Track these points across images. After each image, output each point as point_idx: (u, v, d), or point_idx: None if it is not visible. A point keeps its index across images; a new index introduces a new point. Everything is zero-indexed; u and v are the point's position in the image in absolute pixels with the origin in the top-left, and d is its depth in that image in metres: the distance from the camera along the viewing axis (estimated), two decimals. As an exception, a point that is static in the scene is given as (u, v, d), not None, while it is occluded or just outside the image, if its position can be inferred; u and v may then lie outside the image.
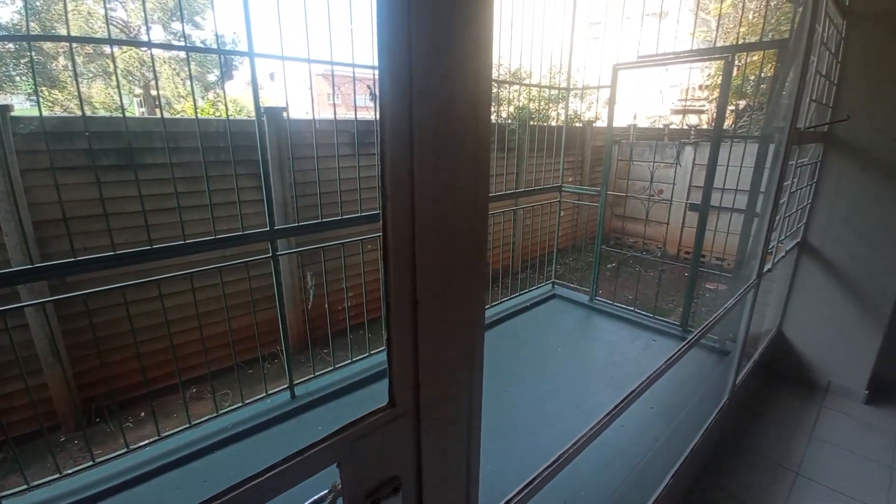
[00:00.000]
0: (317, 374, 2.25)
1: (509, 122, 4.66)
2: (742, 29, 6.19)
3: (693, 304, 3.38)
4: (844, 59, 2.20)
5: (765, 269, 1.81)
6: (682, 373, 2.56)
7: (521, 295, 3.33)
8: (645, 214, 3.10)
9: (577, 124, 5.96)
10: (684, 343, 1.30)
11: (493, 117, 5.02)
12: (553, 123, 5.20)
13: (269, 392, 2.08)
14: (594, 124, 6.22)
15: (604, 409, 2.20)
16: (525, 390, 2.28)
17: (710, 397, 2.02)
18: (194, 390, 3.18)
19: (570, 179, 5.79)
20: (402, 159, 0.42)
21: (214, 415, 1.93)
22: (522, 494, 0.78)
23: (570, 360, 2.60)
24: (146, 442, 1.77)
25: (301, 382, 2.17)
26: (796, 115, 1.63)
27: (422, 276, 0.46)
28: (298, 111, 7.99)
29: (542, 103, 5.54)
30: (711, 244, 3.84)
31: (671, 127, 6.67)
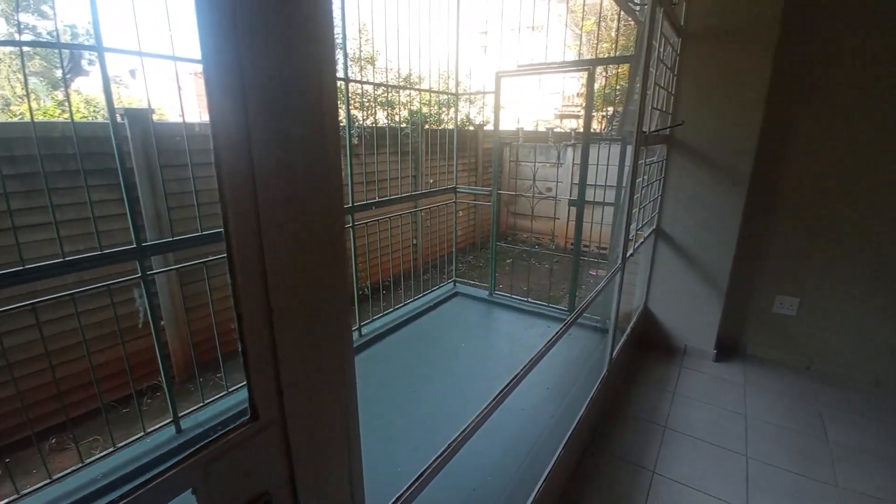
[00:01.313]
0: (206, 401, 2.06)
1: (403, 125, 4.72)
2: (606, 44, 6.99)
3: (580, 290, 3.73)
4: (680, 72, 2.60)
5: (627, 255, 2.06)
6: (573, 352, 2.82)
7: (424, 295, 3.38)
8: (532, 211, 3.36)
9: (470, 128, 6.23)
10: (561, 326, 1.43)
11: (387, 121, 5.04)
12: (448, 127, 5.37)
13: (148, 430, 1.86)
14: (485, 128, 6.55)
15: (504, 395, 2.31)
16: (432, 388, 2.33)
17: (594, 372, 2.25)
18: (54, 441, 2.71)
19: (470, 180, 6.04)
20: (238, 162, 0.41)
21: (80, 465, 1.67)
22: (413, 488, 0.80)
23: (474, 353, 2.71)
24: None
25: (187, 414, 1.97)
26: (641, 121, 1.89)
27: (274, 283, 0.45)
28: (177, 113, 7.20)
29: (436, 108, 5.68)
30: (592, 235, 4.27)
31: (554, 130, 7.28)
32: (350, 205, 2.61)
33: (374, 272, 4.04)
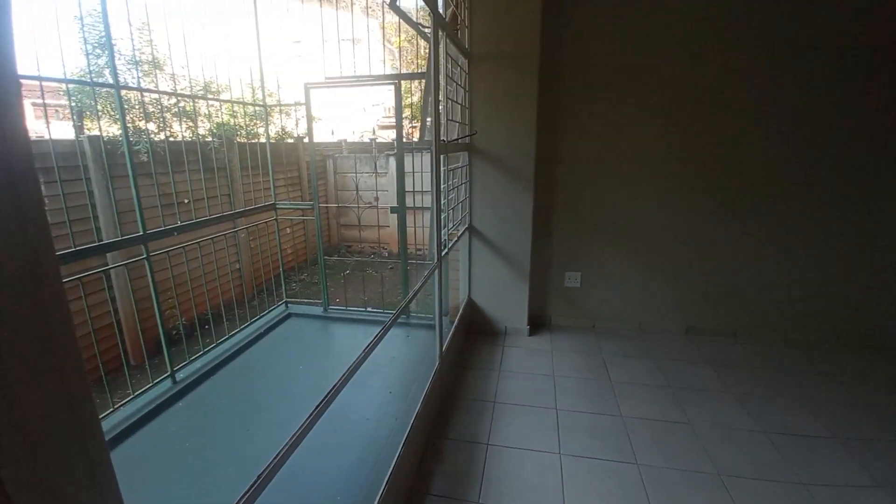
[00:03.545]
0: None
1: (209, 139, 4.25)
2: (422, 60, 7.49)
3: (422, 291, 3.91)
4: (471, 88, 2.95)
5: (443, 253, 2.25)
6: (412, 352, 2.94)
7: (253, 322, 3.12)
8: (360, 222, 3.41)
9: (289, 140, 5.96)
10: (381, 329, 1.49)
11: (188, 134, 4.47)
12: (269, 140, 5.03)
13: None
14: (306, 140, 6.36)
15: (349, 410, 2.29)
16: (269, 418, 2.16)
17: (430, 367, 2.39)
18: None
19: (293, 195, 5.76)
20: None
21: None
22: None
23: (312, 373, 2.61)
24: None
25: None
26: (438, 131, 2.09)
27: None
28: None
29: (248, 119, 5.28)
30: (420, 238, 4.52)
31: (377, 141, 7.48)
32: (142, 233, 2.24)
33: (187, 308, 3.55)
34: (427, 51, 2.47)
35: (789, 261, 3.09)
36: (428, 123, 3.12)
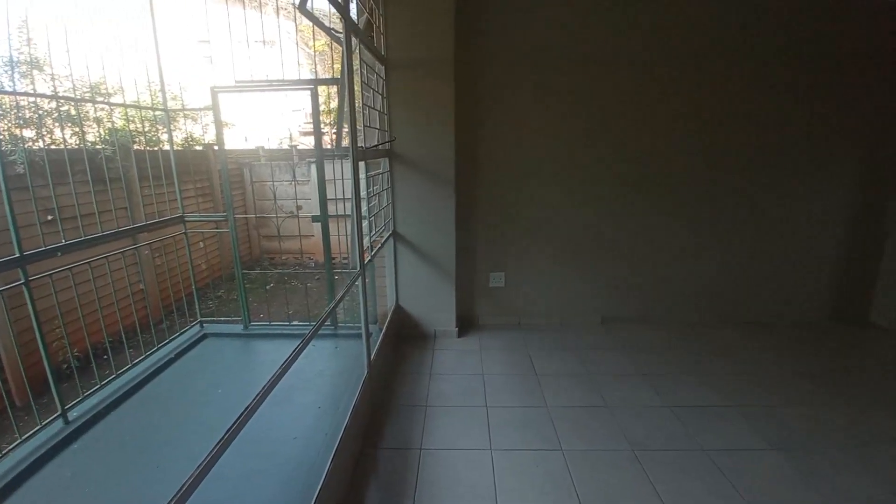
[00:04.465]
0: None
1: (99, 147, 3.83)
2: (338, 65, 7.33)
3: (345, 302, 3.81)
4: (389, 95, 2.95)
5: (366, 261, 2.23)
6: (340, 364, 2.86)
7: (162, 347, 2.85)
8: (279, 232, 3.26)
9: (198, 147, 5.55)
10: (299, 343, 1.44)
11: (74, 141, 3.99)
12: (173, 147, 4.63)
13: None
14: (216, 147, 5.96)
15: (274, 431, 2.18)
16: (183, 453, 1.98)
17: (359, 377, 2.34)
18: None
19: (203, 206, 5.35)
20: None
21: None
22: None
23: (232, 396, 2.44)
24: None
25: None
26: (356, 138, 2.07)
27: None
28: None
29: (148, 125, 4.83)
30: (346, 246, 4.42)
31: (299, 147, 7.20)
32: (18, 255, 1.96)
33: (79, 337, 3.15)
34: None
35: (687, 253, 3.46)
36: (346, 130, 3.07)
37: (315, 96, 2.78)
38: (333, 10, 1.90)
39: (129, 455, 2.00)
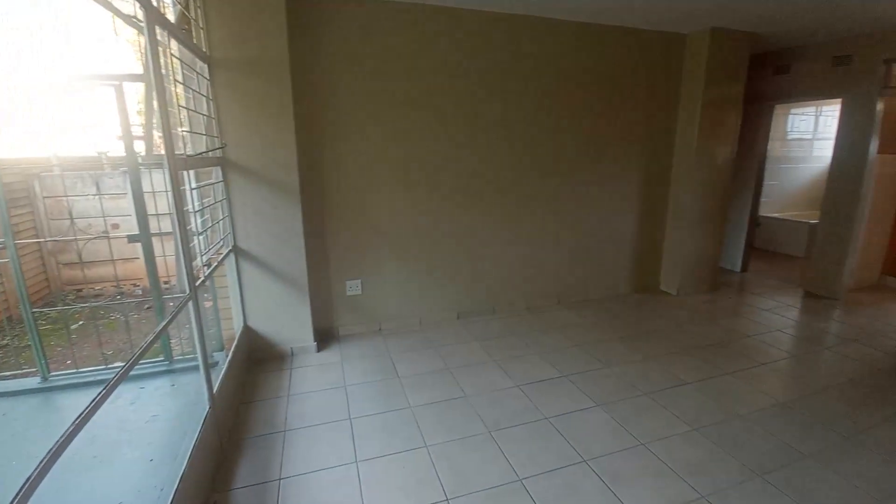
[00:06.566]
0: None
1: None
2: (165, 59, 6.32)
3: (182, 331, 3.32)
4: (215, 97, 2.66)
5: (197, 283, 1.98)
6: (178, 404, 2.49)
7: None
8: (81, 258, 2.67)
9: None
10: (102, 390, 1.20)
11: None
12: None
13: None
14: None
15: (90, 501, 1.79)
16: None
17: (202, 415, 2.06)
18: None
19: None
20: None
21: None
22: None
23: (28, 472, 1.93)
24: None
25: None
26: (171, 144, 1.82)
27: None
28: None
29: None
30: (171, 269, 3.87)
31: (109, 154, 6.02)
32: None
33: None
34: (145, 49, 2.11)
35: (519, 246, 3.88)
36: (149, 136, 2.68)
37: (121, 95, 2.37)
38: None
39: None
